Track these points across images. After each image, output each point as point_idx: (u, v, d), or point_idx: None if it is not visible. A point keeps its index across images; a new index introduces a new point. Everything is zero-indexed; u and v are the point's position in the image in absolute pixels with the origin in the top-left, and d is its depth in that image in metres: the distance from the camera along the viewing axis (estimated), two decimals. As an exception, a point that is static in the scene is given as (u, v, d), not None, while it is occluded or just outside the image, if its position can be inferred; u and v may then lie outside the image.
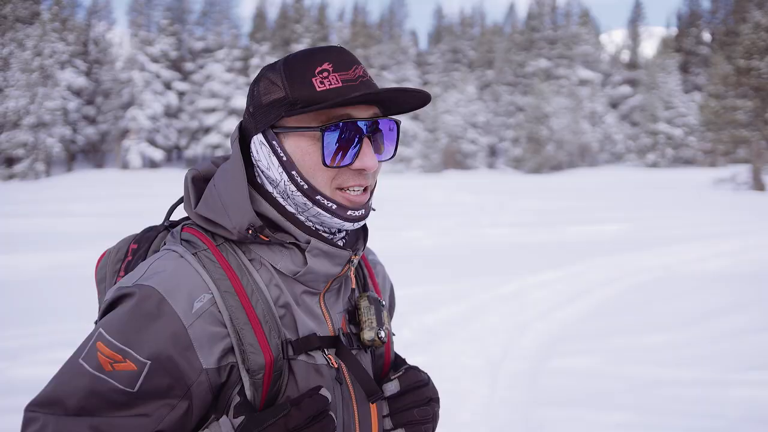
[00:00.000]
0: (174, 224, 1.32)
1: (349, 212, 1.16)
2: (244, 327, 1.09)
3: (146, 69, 52.22)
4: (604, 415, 4.48)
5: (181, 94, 55.45)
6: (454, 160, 55.65)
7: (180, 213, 1.34)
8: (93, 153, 54.77)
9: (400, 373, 1.29)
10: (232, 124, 52.64)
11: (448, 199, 25.82)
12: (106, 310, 1.11)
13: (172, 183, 32.99)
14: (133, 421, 1.03)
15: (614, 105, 63.75)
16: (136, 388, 1.03)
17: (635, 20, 70.81)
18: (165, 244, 1.22)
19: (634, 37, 69.79)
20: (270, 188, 1.18)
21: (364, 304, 1.27)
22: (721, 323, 6.61)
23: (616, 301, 7.87)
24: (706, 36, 68.94)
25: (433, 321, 6.77)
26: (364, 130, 1.14)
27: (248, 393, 1.09)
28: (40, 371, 4.92)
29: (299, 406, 1.06)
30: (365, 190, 1.18)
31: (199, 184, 1.23)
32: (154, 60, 53.60)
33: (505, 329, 6.69)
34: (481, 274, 9.52)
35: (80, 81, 50.36)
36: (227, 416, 1.07)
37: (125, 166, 49.78)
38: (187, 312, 1.06)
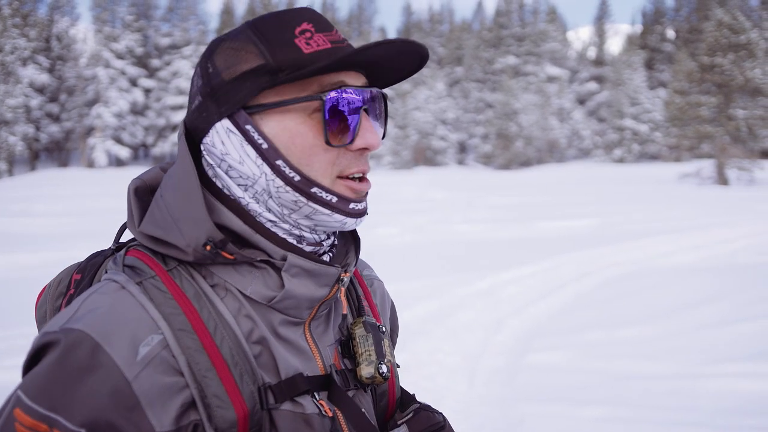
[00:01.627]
0: (123, 246, 1.04)
1: (351, 205, 0.93)
2: (207, 374, 0.85)
3: (111, 66, 51.34)
4: (580, 409, 4.51)
5: (147, 91, 54.65)
6: (425, 156, 55.79)
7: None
8: (57, 151, 53.75)
9: (409, 415, 1.05)
10: (200, 121, 52.06)
11: (419, 195, 25.88)
12: (29, 364, 0.87)
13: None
14: None
15: (581, 101, 64.52)
16: None
17: (601, 18, 71.73)
18: (107, 271, 0.95)
19: (601, 35, 70.68)
20: (238, 192, 0.93)
21: (359, 332, 1.01)
22: (691, 316, 6.72)
23: (589, 296, 7.95)
24: (671, 33, 70.15)
25: (409, 318, 6.76)
26: (363, 101, 0.93)
27: None
28: (11, 377, 4.78)
29: None
30: (364, 177, 0.96)
31: (144, 196, 0.98)
32: (120, 56, 52.73)
33: (481, 325, 6.71)
34: (454, 271, 9.55)
35: (43, 78, 49.30)
36: None
37: (90, 164, 48.92)
38: (130, 360, 0.82)
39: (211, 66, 0.93)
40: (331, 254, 1.00)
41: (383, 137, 1.00)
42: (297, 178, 0.90)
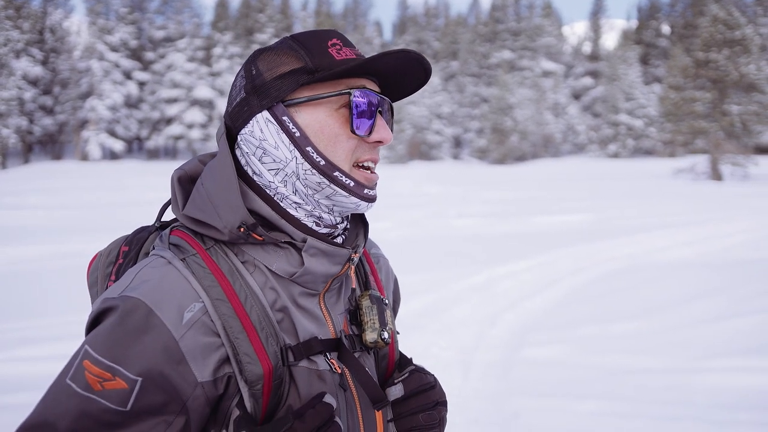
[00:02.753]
0: (165, 225, 1.25)
1: (365, 191, 1.12)
2: (239, 336, 1.03)
3: (105, 58, 51.11)
4: (576, 403, 4.51)
5: (141, 84, 54.44)
6: (420, 151, 55.77)
7: (172, 214, 1.26)
8: (51, 144, 53.50)
9: (405, 375, 1.24)
10: (194, 114, 51.90)
11: (414, 190, 25.86)
12: (92, 324, 1.04)
13: (133, 174, 32.39)
14: None
15: (577, 96, 64.57)
16: (128, 407, 0.96)
17: (597, 13, 71.69)
18: (154, 247, 1.14)
19: (596, 30, 70.67)
20: (268, 177, 1.11)
21: (365, 303, 1.20)
22: (687, 311, 6.72)
23: (584, 291, 7.95)
24: (666, 29, 70.20)
25: (404, 312, 6.74)
26: (379, 103, 1.13)
27: (247, 405, 1.03)
28: (9, 370, 4.75)
29: (303, 418, 1.00)
30: (373, 171, 1.15)
31: (186, 184, 1.16)
32: (114, 49, 52.48)
33: (476, 320, 6.71)
34: (450, 265, 9.54)
35: (36, 70, 49.05)
36: (226, 431, 1.02)
37: (84, 157, 48.72)
38: (177, 323, 1.00)
39: (254, 69, 1.13)
40: (343, 236, 1.19)
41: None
42: (322, 162, 1.09)
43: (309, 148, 1.08)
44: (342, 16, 73.76)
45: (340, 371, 1.13)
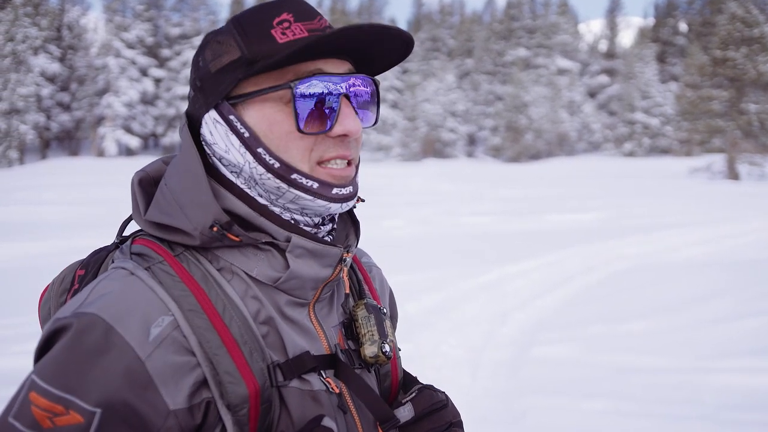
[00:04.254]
0: (125, 240, 1.06)
1: (334, 190, 0.94)
2: (218, 351, 0.87)
3: (122, 55, 51.46)
4: (584, 402, 4.51)
5: (157, 81, 54.76)
6: (434, 148, 55.68)
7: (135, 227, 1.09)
8: (68, 140, 53.97)
9: (413, 395, 1.07)
10: (209, 111, 52.14)
11: (427, 187, 25.85)
12: (41, 350, 0.88)
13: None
14: None
15: (592, 94, 64.16)
16: None
17: (613, 10, 71.20)
18: (114, 261, 0.98)
19: (612, 27, 70.18)
20: (233, 178, 0.97)
21: (362, 313, 1.05)
22: (698, 311, 6.69)
23: (595, 290, 7.93)
24: (683, 26, 69.56)
25: (414, 310, 6.77)
26: (343, 88, 0.94)
27: None
28: (20, 363, 4.83)
29: None
30: (349, 163, 0.97)
31: (148, 188, 1.01)
32: (130, 46, 52.83)
33: (486, 318, 6.72)
34: (460, 263, 9.54)
35: (54, 67, 49.48)
36: None
37: (101, 153, 49.13)
38: (142, 341, 0.84)
39: (201, 59, 0.98)
40: (330, 237, 1.03)
41: (375, 123, 1.02)
42: (277, 165, 0.93)
43: (260, 150, 0.93)
44: (357, 13, 73.76)
45: (338, 391, 0.97)
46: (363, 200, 1.06)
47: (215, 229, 0.91)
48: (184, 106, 52.59)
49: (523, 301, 7.41)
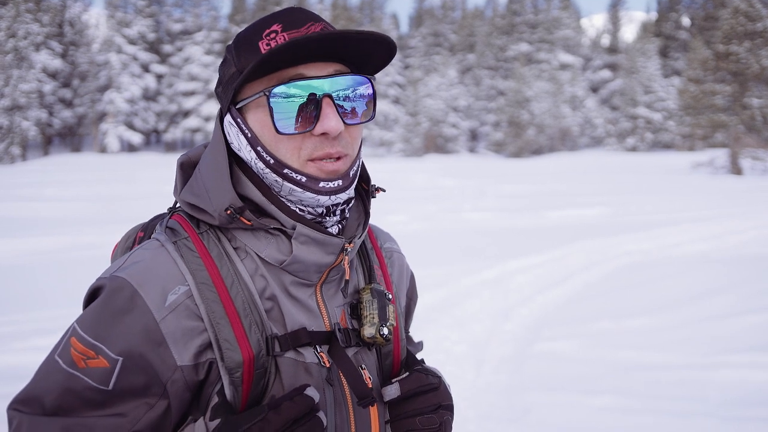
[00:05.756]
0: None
1: (321, 184, 1.04)
2: (221, 321, 1.01)
3: (123, 51, 51.41)
4: (588, 398, 4.52)
5: (159, 77, 54.71)
6: (436, 144, 55.61)
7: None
8: (70, 136, 53.98)
9: (404, 375, 1.16)
10: (211, 107, 52.12)
11: (430, 183, 25.82)
12: (86, 302, 1.07)
13: (151, 167, 32.62)
14: (108, 421, 0.97)
15: (594, 89, 63.99)
16: (110, 386, 0.97)
17: (616, 5, 70.93)
18: (155, 231, 1.16)
19: (615, 22, 69.93)
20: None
21: (366, 297, 1.15)
22: (701, 307, 6.68)
23: (598, 286, 7.92)
24: (686, 21, 69.32)
25: (417, 306, 6.76)
26: (324, 89, 1.03)
27: (228, 392, 1.01)
28: (25, 359, 4.84)
29: (278, 409, 0.97)
30: (339, 158, 1.06)
31: (188, 170, 1.16)
32: (132, 42, 52.77)
33: (489, 314, 6.71)
34: (463, 259, 9.54)
35: (56, 63, 49.43)
36: (204, 418, 1.00)
37: (103, 149, 49.14)
38: (159, 305, 1.00)
39: (220, 71, 1.13)
40: (340, 226, 1.13)
41: (371, 119, 1.10)
42: (272, 161, 1.06)
43: (259, 148, 1.05)
44: (358, 9, 73.60)
45: (328, 365, 1.08)
46: (383, 190, 1.20)
47: (229, 212, 1.04)
48: (186, 102, 52.58)
49: (526, 297, 7.40)
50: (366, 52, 1.06)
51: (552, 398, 4.54)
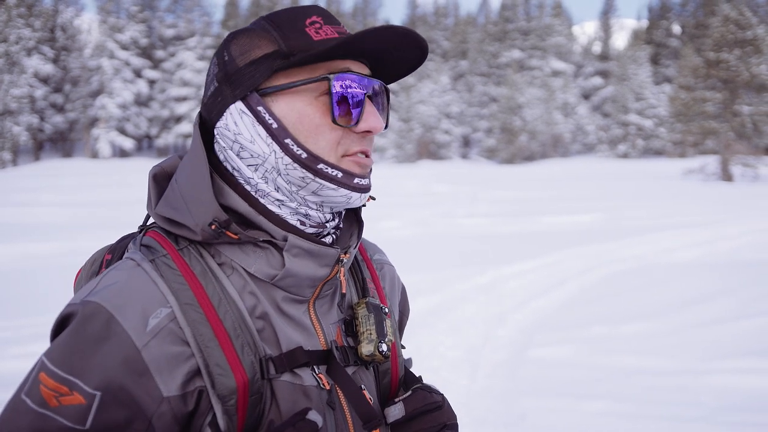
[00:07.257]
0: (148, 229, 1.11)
1: (356, 180, 0.99)
2: (210, 344, 0.91)
3: (116, 56, 51.33)
4: (583, 404, 4.51)
5: (151, 83, 54.63)
6: (428, 150, 55.72)
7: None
8: (61, 142, 53.77)
9: (407, 394, 1.08)
10: (204, 113, 52.01)
11: (423, 189, 25.86)
12: (54, 333, 0.95)
13: (143, 172, 32.50)
14: None
15: (586, 96, 64.34)
16: (88, 425, 0.86)
17: (607, 12, 71.41)
18: (127, 251, 1.04)
19: (606, 29, 70.38)
20: (247, 173, 0.99)
21: (362, 312, 1.07)
22: (695, 312, 6.71)
23: (592, 291, 7.94)
24: (677, 28, 69.84)
25: (411, 312, 6.76)
26: (368, 88, 1.00)
27: (221, 423, 0.92)
28: (23, 365, 4.80)
29: None
30: (367, 156, 1.02)
31: (162, 182, 1.05)
32: (124, 47, 52.69)
33: (483, 319, 6.71)
34: (457, 265, 9.54)
35: (47, 68, 49.28)
36: None
37: (94, 155, 48.98)
38: (140, 331, 0.89)
39: (227, 54, 1.01)
40: (334, 236, 1.06)
41: (385, 128, 1.05)
42: (304, 155, 0.96)
43: (288, 140, 0.96)
44: (351, 14, 73.80)
45: (328, 387, 1.00)
46: (374, 198, 1.09)
47: (214, 226, 0.95)
48: (178, 107, 52.47)
49: (521, 303, 7.41)
50: (400, 57, 1.03)
51: (547, 403, 4.54)
